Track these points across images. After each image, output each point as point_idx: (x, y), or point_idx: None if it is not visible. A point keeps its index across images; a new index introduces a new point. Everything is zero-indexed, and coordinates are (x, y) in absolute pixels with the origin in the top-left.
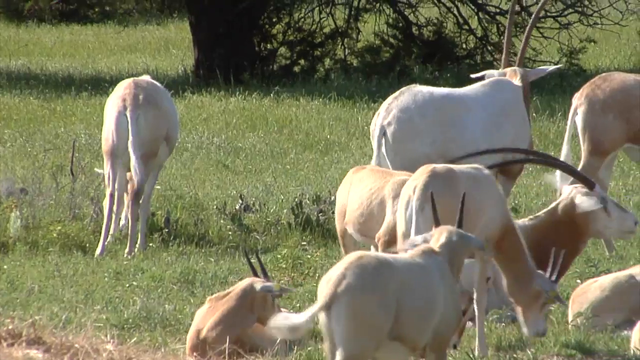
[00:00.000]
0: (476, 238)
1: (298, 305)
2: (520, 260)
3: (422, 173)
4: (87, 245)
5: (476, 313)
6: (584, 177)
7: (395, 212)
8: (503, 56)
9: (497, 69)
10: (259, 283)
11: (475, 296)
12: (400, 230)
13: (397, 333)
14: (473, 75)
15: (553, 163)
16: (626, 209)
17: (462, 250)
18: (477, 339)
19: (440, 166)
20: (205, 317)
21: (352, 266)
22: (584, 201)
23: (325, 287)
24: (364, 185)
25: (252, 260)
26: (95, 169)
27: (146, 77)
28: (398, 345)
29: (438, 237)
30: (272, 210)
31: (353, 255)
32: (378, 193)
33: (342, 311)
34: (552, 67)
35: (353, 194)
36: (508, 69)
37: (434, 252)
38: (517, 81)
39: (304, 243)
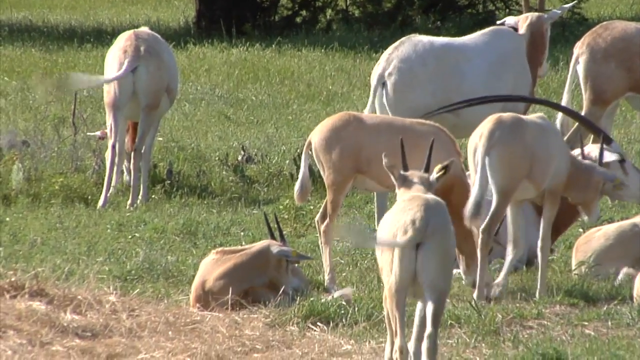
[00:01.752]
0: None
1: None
2: (583, 176)
3: (489, 121)
4: (90, 197)
5: (478, 258)
6: (591, 124)
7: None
8: (523, 2)
9: (500, 18)
10: (275, 247)
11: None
12: (472, 179)
13: None
14: (499, 22)
15: (559, 108)
16: None
17: None
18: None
19: (507, 115)
20: (210, 268)
21: (430, 207)
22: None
23: (411, 228)
24: (386, 134)
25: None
26: (88, 133)
27: (145, 29)
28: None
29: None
30: (274, 162)
31: (418, 198)
32: (414, 146)
33: (434, 250)
34: (567, 5)
35: (377, 143)
36: (521, 16)
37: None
38: (523, 29)
39: None
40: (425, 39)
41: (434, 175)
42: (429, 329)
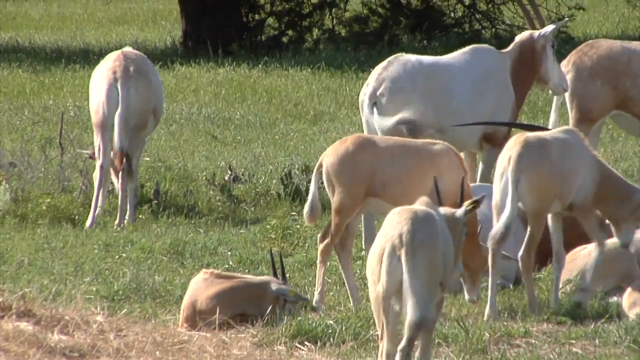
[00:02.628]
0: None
1: (288, 275)
2: (621, 189)
3: (516, 143)
4: (77, 217)
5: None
6: None
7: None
8: (527, 21)
9: (486, 37)
10: (275, 284)
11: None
12: (494, 200)
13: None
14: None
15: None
16: None
17: None
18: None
19: (532, 135)
20: (203, 287)
21: (417, 221)
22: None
23: (397, 241)
24: (401, 156)
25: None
26: (78, 150)
27: (130, 49)
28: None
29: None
30: (261, 181)
31: (407, 211)
32: (430, 166)
33: (420, 262)
34: (562, 21)
35: (392, 165)
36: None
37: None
38: (510, 46)
39: (294, 213)
40: (413, 58)
41: (462, 210)
42: (403, 342)
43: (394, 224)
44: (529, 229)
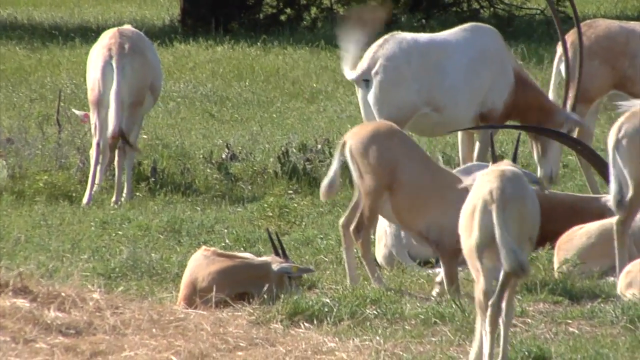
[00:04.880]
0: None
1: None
2: None
3: (623, 116)
4: (74, 194)
5: None
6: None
7: None
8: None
9: (484, 16)
10: (276, 264)
11: None
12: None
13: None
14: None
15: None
16: None
17: None
18: None
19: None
20: (202, 266)
21: (506, 178)
22: None
23: (489, 197)
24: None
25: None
26: (73, 110)
27: (128, 27)
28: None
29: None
30: (258, 159)
31: (497, 171)
32: None
33: (510, 216)
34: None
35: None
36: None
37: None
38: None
39: (291, 192)
40: (408, 36)
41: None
42: (494, 297)
43: (485, 182)
44: (629, 197)
